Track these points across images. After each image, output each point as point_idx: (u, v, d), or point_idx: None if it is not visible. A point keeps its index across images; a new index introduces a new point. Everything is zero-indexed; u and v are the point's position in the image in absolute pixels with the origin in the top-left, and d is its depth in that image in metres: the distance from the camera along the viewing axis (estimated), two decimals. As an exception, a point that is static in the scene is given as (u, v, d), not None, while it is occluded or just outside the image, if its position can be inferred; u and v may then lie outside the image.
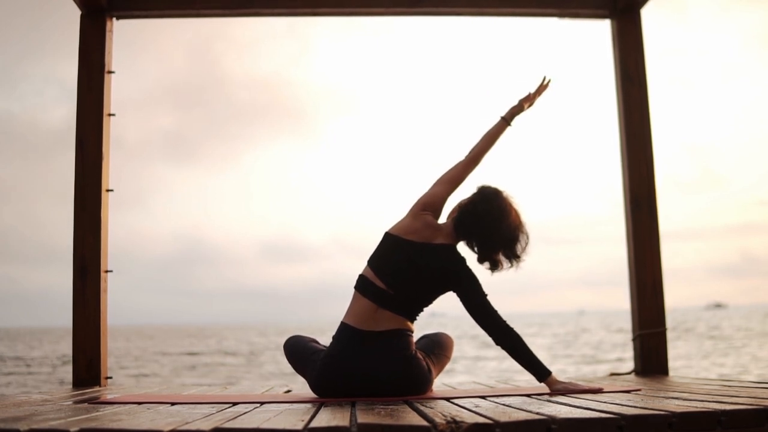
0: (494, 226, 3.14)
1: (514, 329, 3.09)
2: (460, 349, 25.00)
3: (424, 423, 2.04)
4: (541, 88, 3.42)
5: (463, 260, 3.20)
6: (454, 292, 3.18)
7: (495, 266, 3.21)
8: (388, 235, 3.21)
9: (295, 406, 2.71)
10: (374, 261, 3.19)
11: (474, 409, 2.43)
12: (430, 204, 3.20)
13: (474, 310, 3.14)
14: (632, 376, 4.37)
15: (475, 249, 3.21)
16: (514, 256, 3.20)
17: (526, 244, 3.20)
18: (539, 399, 2.79)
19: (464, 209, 3.19)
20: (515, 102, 3.36)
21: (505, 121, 3.32)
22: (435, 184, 3.25)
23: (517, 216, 3.18)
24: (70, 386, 4.19)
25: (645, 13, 4.65)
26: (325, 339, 3.37)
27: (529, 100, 3.38)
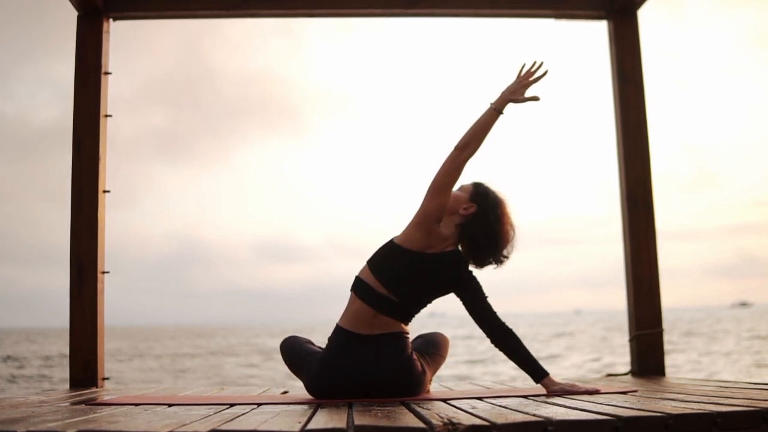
0: (498, 236, 3.16)
1: (512, 330, 3.10)
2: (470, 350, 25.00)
3: (421, 425, 2.04)
4: (531, 71, 3.15)
5: (467, 264, 3.21)
6: (455, 294, 3.19)
7: (483, 266, 3.23)
8: (396, 246, 3.13)
9: (292, 407, 2.71)
10: (377, 268, 3.14)
11: (471, 410, 2.43)
12: (439, 217, 3.12)
13: (475, 311, 3.14)
14: (629, 377, 4.38)
15: (471, 252, 3.21)
16: (504, 258, 3.22)
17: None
18: (536, 400, 2.79)
19: (471, 221, 3.16)
20: (505, 88, 3.12)
21: (496, 111, 3.09)
22: (437, 192, 3.09)
23: (514, 222, 3.20)
24: (67, 387, 4.19)
25: (641, 13, 4.66)
26: (321, 340, 3.37)
27: (521, 86, 3.12)
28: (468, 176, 3.22)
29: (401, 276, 3.11)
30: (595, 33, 4.78)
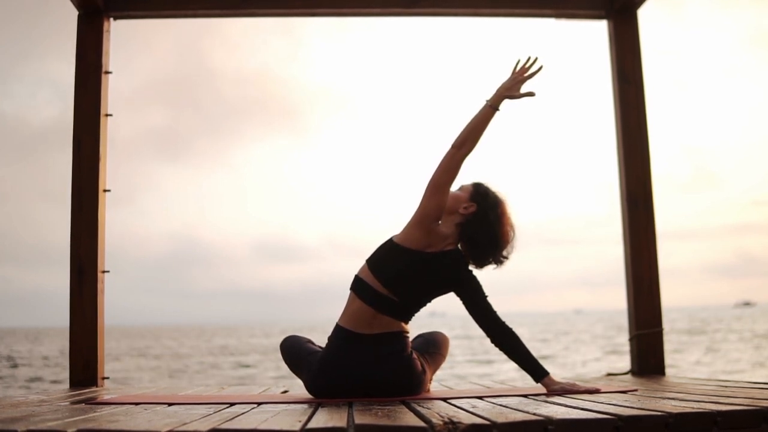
0: (498, 236, 3.16)
1: (512, 329, 3.10)
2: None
3: (422, 424, 2.04)
4: (526, 67, 3.12)
5: (467, 263, 3.20)
6: (455, 293, 3.19)
7: (482, 266, 3.23)
8: (396, 245, 3.13)
9: (293, 406, 2.71)
10: (377, 267, 3.13)
11: (471, 409, 2.43)
12: (438, 215, 3.12)
13: (474, 311, 3.14)
14: (629, 376, 4.38)
15: (471, 252, 3.20)
16: (504, 258, 3.22)
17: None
18: (536, 399, 2.79)
19: (471, 220, 3.15)
20: (500, 85, 3.10)
21: (492, 108, 3.07)
22: (435, 191, 3.07)
23: (514, 222, 3.20)
24: (67, 387, 4.19)
25: (641, 13, 4.66)
26: (321, 339, 3.37)
27: (516, 82, 3.09)
28: (467, 176, 3.22)
29: (401, 275, 3.11)
30: (595, 33, 4.79)
